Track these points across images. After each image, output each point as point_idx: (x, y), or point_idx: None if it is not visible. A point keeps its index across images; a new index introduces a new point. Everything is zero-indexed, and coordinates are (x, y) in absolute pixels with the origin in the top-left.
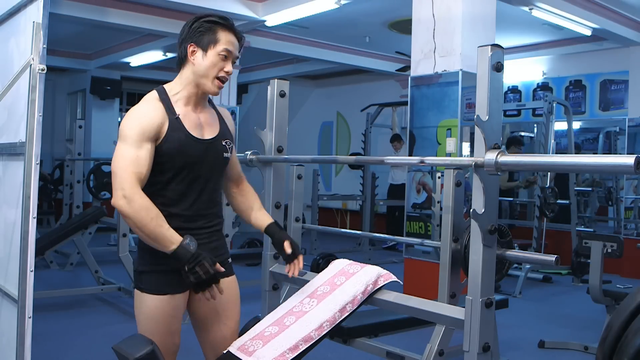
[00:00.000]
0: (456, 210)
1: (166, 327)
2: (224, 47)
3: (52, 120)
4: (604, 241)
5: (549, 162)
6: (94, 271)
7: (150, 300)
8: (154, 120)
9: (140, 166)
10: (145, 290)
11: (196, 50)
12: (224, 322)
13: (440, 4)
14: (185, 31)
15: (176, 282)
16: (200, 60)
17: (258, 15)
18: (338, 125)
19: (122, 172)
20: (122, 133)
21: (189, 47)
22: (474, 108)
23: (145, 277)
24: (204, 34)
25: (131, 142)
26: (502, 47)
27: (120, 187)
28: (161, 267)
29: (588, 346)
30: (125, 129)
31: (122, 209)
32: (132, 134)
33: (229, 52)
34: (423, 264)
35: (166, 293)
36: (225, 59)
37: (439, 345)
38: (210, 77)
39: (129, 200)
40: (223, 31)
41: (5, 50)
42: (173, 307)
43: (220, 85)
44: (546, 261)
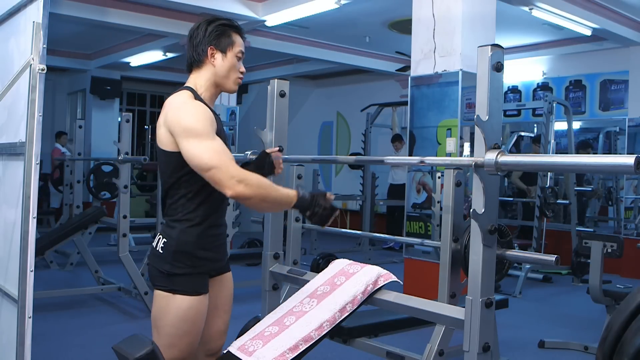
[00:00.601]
0: (456, 210)
1: (198, 327)
2: (240, 49)
3: (52, 120)
4: (604, 241)
5: (549, 162)
6: (94, 271)
7: (186, 302)
8: (210, 114)
9: (228, 152)
10: (179, 292)
11: (216, 52)
12: (221, 315)
13: (440, 4)
14: (201, 35)
15: (206, 282)
16: (221, 62)
17: (258, 15)
18: (338, 125)
19: (222, 161)
20: (192, 129)
21: (209, 49)
22: (474, 108)
23: (180, 279)
24: (220, 37)
25: (207, 135)
26: (502, 47)
27: (230, 175)
28: (199, 268)
29: (588, 346)
30: (190, 125)
31: (244, 193)
32: (204, 129)
33: (242, 53)
34: (423, 264)
35: (202, 293)
36: (239, 60)
37: (439, 345)
38: (232, 78)
39: (245, 182)
40: (235, 34)
41: (5, 50)
42: (206, 305)
43: (239, 82)
44: (546, 261)
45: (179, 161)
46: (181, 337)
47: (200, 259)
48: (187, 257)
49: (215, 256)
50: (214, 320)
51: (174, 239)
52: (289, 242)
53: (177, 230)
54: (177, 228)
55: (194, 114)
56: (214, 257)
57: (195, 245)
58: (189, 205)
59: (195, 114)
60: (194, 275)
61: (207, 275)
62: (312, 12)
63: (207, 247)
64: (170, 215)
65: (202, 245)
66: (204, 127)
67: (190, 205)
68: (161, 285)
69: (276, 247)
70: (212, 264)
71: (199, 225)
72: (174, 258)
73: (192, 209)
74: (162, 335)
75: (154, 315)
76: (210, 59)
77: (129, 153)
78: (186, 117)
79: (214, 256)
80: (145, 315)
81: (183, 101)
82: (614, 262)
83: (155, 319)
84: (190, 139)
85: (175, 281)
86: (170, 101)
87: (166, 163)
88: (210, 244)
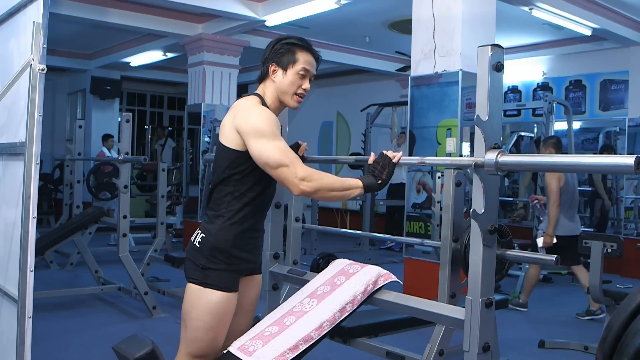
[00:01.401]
0: (456, 210)
1: (225, 323)
2: (302, 67)
3: (52, 120)
4: (604, 241)
5: (549, 162)
6: (94, 271)
7: (217, 297)
8: (277, 120)
9: (293, 152)
10: (213, 286)
11: (277, 69)
12: (244, 315)
13: (440, 4)
14: (268, 52)
15: (238, 281)
16: (281, 79)
17: (258, 15)
18: (338, 125)
19: (290, 161)
20: (260, 130)
21: (271, 66)
22: (474, 108)
23: (215, 274)
24: (284, 55)
25: (274, 136)
26: (502, 47)
27: (295, 174)
28: (233, 266)
29: (588, 346)
30: (261, 126)
31: (310, 189)
32: (272, 129)
33: (306, 70)
34: (423, 264)
35: (233, 290)
36: (303, 78)
37: (439, 345)
38: (290, 94)
39: (309, 178)
40: (301, 52)
41: (5, 50)
42: (235, 303)
43: (300, 100)
44: (546, 261)
45: (237, 159)
46: (208, 330)
47: (235, 257)
48: (223, 254)
49: (250, 257)
50: (237, 319)
51: (213, 234)
52: (289, 242)
53: (216, 226)
54: (217, 224)
55: (262, 116)
56: (249, 257)
57: (232, 243)
58: (234, 204)
59: (264, 117)
60: (227, 272)
61: (239, 274)
62: (312, 12)
63: (244, 247)
64: (214, 210)
65: (238, 245)
66: (272, 128)
67: (235, 203)
68: (194, 279)
69: (276, 247)
70: (246, 264)
71: (239, 225)
72: (210, 253)
73: (237, 208)
74: (189, 328)
75: (184, 308)
76: (272, 75)
77: (129, 153)
78: (256, 118)
79: (249, 257)
80: (145, 315)
81: (252, 104)
82: (614, 262)
83: (185, 312)
84: (261, 139)
85: (209, 275)
86: (239, 103)
87: (224, 159)
88: (248, 245)
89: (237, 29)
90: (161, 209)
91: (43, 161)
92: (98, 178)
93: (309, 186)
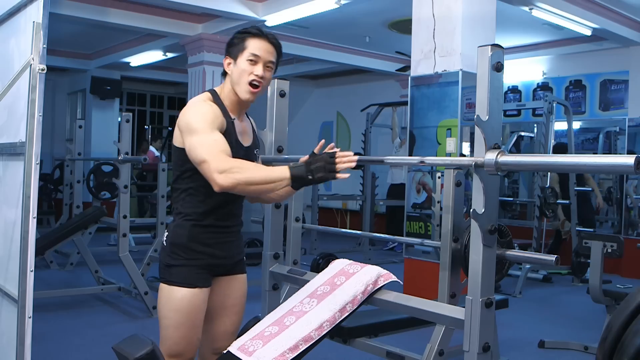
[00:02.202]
0: (456, 210)
1: (193, 320)
2: (251, 52)
3: (52, 120)
4: (604, 241)
5: (549, 162)
6: (94, 271)
7: (181, 293)
8: (217, 115)
9: (220, 145)
10: (175, 283)
11: (230, 61)
12: (229, 316)
13: (440, 4)
14: (226, 48)
15: (205, 277)
16: (233, 69)
17: (258, 15)
18: (338, 125)
19: (209, 155)
20: (190, 127)
21: (225, 60)
22: (474, 108)
23: (176, 270)
24: (235, 46)
25: (203, 131)
26: (502, 47)
27: (214, 168)
28: (194, 261)
29: (588, 346)
30: (191, 122)
31: (226, 182)
32: (203, 125)
33: (256, 56)
34: (423, 264)
35: (196, 286)
36: (254, 64)
37: (439, 345)
38: (242, 84)
39: (226, 171)
40: (252, 38)
41: (5, 50)
42: (201, 300)
43: (252, 90)
44: (546, 261)
45: (183, 156)
46: (176, 328)
47: (194, 251)
48: (180, 249)
49: (216, 252)
50: (222, 320)
51: (171, 231)
52: (289, 242)
53: (174, 222)
54: (175, 221)
55: (196, 112)
56: (214, 252)
57: (189, 237)
58: (189, 200)
59: (198, 112)
60: (188, 267)
61: (205, 270)
62: (312, 12)
63: (205, 242)
64: (174, 208)
65: (197, 239)
66: (203, 124)
67: (190, 200)
68: (161, 277)
69: (276, 247)
70: (211, 259)
71: (197, 221)
72: (170, 249)
73: (192, 204)
74: (161, 327)
75: (157, 308)
76: (227, 69)
77: (129, 153)
78: (189, 114)
79: (215, 252)
80: (145, 315)
81: (195, 101)
82: (614, 262)
83: (158, 312)
84: (190, 135)
85: (172, 272)
86: (188, 102)
87: (175, 157)
88: (210, 240)
89: (237, 29)
90: (161, 209)
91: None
92: (98, 178)
93: (226, 179)
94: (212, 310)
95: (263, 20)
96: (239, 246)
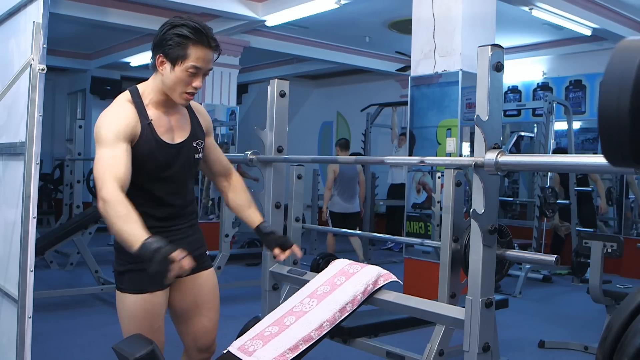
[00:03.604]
0: (456, 210)
1: (148, 325)
2: (192, 64)
3: (52, 120)
4: (604, 241)
5: (549, 162)
6: (94, 271)
7: (131, 300)
8: (127, 121)
9: (117, 165)
10: (125, 290)
11: (165, 62)
12: (205, 314)
13: (440, 4)
14: (158, 37)
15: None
16: (168, 74)
17: (258, 15)
18: (338, 125)
19: (101, 174)
20: (97, 137)
21: (158, 57)
22: (474, 108)
23: (124, 277)
24: (173, 48)
25: (106, 144)
26: (502, 47)
27: (99, 189)
28: (138, 265)
29: (588, 346)
30: (99, 132)
31: (100, 210)
32: (107, 136)
33: (197, 68)
34: (423, 264)
35: (146, 291)
36: (193, 75)
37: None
38: (177, 92)
39: (105, 201)
40: (194, 46)
41: (5, 50)
42: (154, 304)
43: (189, 98)
44: (546, 261)
45: None
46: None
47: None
48: (126, 254)
49: None
50: (198, 319)
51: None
52: None
53: None
54: None
55: (104, 121)
56: None
57: None
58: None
59: (104, 121)
60: (135, 271)
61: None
62: (312, 12)
63: None
64: None
65: None
66: (105, 134)
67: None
68: (116, 284)
69: None
70: None
71: None
72: (116, 255)
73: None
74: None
75: None
76: (159, 67)
77: None
78: (98, 123)
79: None
80: None
81: (112, 104)
82: (614, 262)
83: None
84: (97, 145)
85: (121, 279)
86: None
87: None
88: None
89: (237, 29)
90: None
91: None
92: None
93: (102, 208)
94: (187, 312)
95: (263, 20)
96: (194, 242)
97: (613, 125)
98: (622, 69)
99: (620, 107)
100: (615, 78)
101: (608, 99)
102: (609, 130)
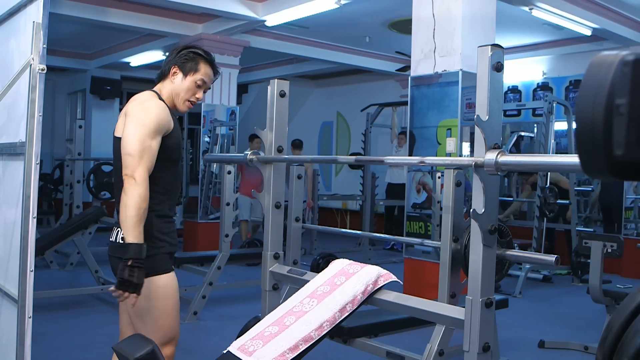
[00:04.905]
0: (456, 210)
1: (177, 301)
2: (201, 78)
3: (52, 120)
4: (604, 241)
5: (549, 162)
6: (94, 271)
7: (164, 279)
8: (168, 117)
9: (152, 156)
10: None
11: (178, 72)
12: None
13: (440, 4)
14: (173, 55)
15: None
16: (179, 82)
17: (258, 15)
18: (338, 125)
19: (138, 155)
20: (141, 120)
21: (173, 68)
22: (474, 108)
23: (155, 260)
24: (187, 62)
25: (149, 132)
26: (502, 47)
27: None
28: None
29: (588, 346)
30: (144, 117)
31: (126, 185)
32: (152, 125)
33: (203, 82)
34: (423, 264)
35: (172, 270)
36: (199, 87)
37: (439, 345)
38: (184, 99)
39: (137, 182)
40: (204, 64)
41: (5, 50)
42: (176, 280)
43: (189, 106)
44: (546, 261)
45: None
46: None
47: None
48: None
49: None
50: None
51: None
52: (289, 242)
53: None
54: None
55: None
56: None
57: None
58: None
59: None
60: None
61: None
62: (312, 12)
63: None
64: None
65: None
66: (150, 123)
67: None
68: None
69: (276, 247)
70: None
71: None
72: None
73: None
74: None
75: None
76: (172, 77)
77: None
78: (142, 108)
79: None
80: None
81: (146, 98)
82: (614, 262)
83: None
84: (136, 126)
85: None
86: (135, 96)
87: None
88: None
89: (237, 29)
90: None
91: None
92: (98, 178)
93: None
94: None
95: (263, 20)
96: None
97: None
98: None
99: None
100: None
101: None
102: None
